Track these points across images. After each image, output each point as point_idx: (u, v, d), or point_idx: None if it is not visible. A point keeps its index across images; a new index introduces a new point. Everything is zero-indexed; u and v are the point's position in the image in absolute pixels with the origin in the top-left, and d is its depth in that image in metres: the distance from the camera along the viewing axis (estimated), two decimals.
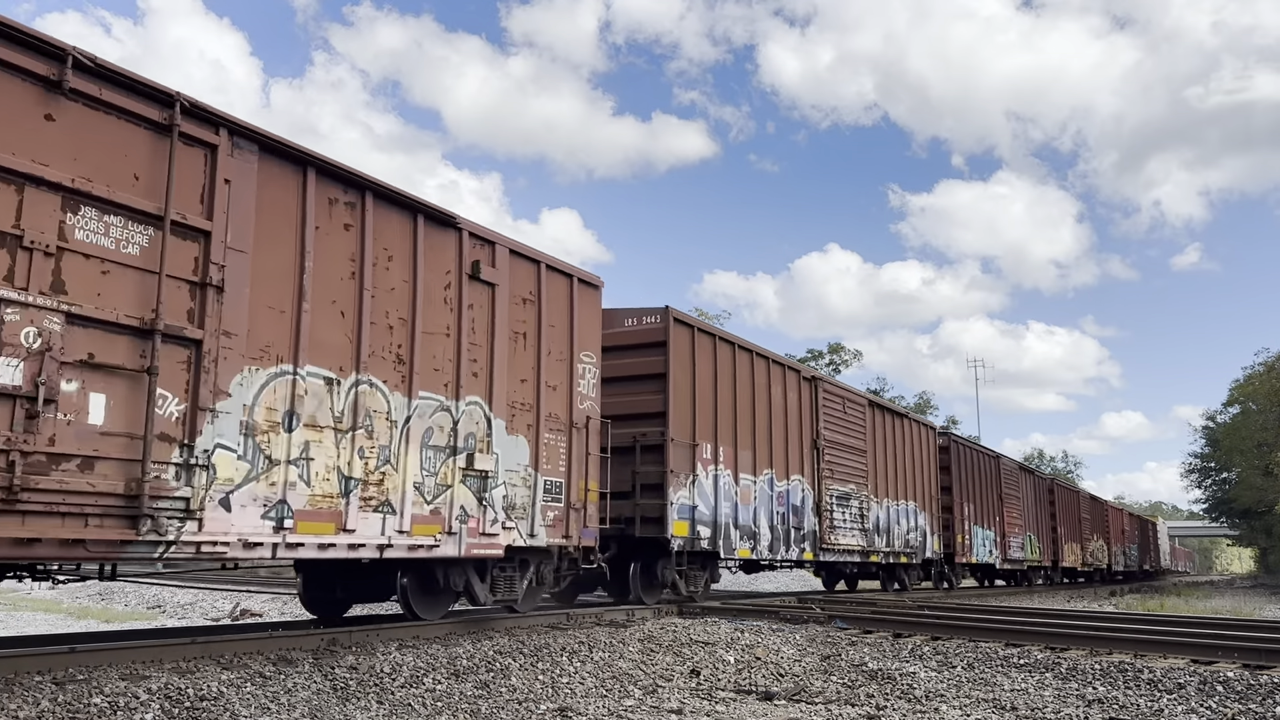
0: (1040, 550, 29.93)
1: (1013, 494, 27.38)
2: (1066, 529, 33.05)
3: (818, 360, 56.15)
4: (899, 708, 7.20)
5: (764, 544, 14.39)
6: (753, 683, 8.25)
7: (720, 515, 13.26)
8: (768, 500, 14.51)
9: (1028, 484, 29.82)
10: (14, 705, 5.03)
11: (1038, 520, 30.18)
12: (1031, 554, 28.80)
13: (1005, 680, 8.07)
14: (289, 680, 6.28)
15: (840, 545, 16.60)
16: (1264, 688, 7.17)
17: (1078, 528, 34.70)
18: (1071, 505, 34.75)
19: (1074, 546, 33.88)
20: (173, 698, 5.51)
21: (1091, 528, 36.90)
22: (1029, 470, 31.36)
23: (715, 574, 13.90)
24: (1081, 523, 35.30)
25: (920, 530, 20.80)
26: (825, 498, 16.18)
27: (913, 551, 20.20)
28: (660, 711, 6.81)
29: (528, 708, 6.63)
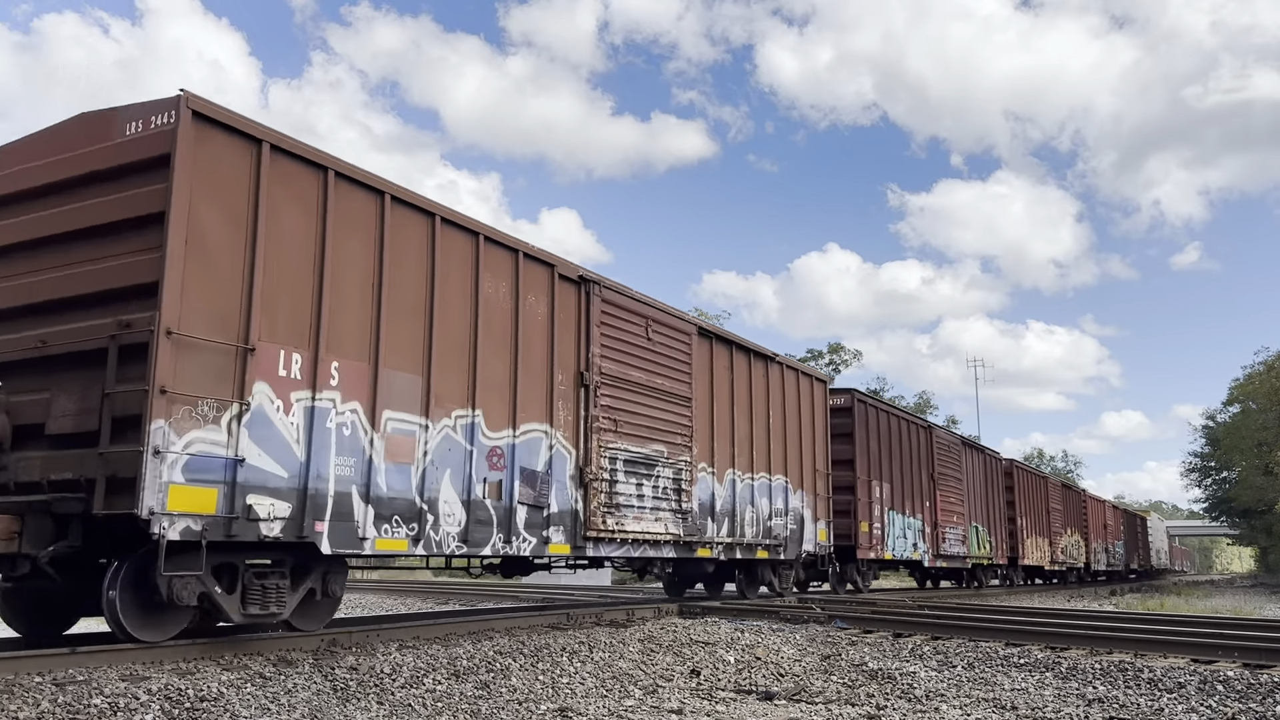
0: (991, 545, 25.13)
1: (951, 474, 22.39)
2: (1029, 521, 28.68)
3: (818, 359, 55.99)
4: (899, 707, 7.20)
5: (447, 529, 8.54)
6: (753, 683, 8.25)
7: (320, 478, 7.37)
8: (460, 459, 8.74)
9: (974, 464, 24.50)
10: (14, 706, 5.03)
11: (989, 509, 25.25)
12: (979, 549, 23.96)
13: (1005, 679, 8.08)
14: (289, 681, 6.28)
15: (628, 533, 11.05)
16: (1264, 687, 7.17)
17: (1044, 520, 30.59)
18: (1036, 493, 30.19)
19: (1039, 542, 29.76)
20: (173, 699, 5.51)
21: (1064, 520, 33.10)
22: (976, 447, 25.63)
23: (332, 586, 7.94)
24: (1050, 514, 31.23)
25: (794, 515, 15.27)
26: (599, 460, 10.61)
27: (778, 543, 14.72)
28: (660, 711, 6.81)
29: (528, 708, 6.63)
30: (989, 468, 25.99)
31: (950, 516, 21.98)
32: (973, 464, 24.39)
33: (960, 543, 22.70)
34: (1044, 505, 30.80)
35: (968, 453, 24.13)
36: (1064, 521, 33.15)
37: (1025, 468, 30.41)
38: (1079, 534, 35.18)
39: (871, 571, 19.40)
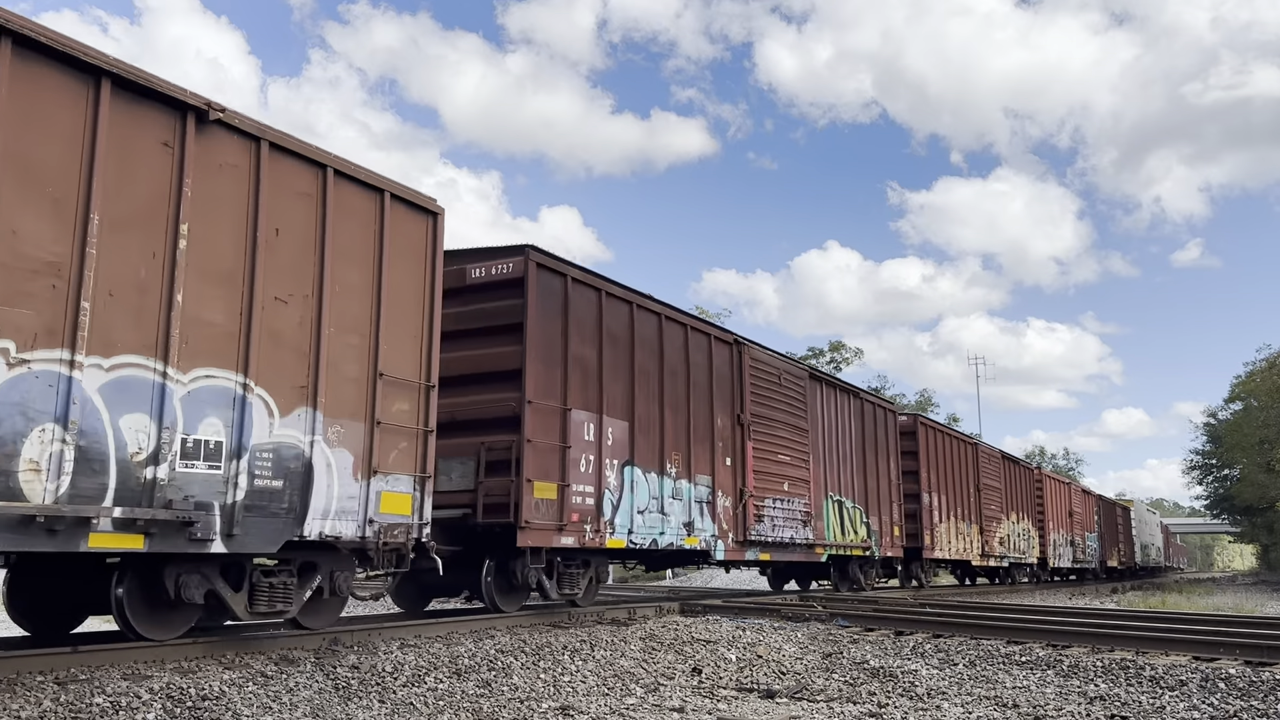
0: (873, 531, 18.15)
1: (789, 423, 15.30)
2: (947, 500, 21.65)
3: (819, 357, 56.08)
4: (901, 705, 7.20)
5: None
6: (754, 681, 8.26)
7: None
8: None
9: (844, 412, 17.36)
10: (16, 705, 5.03)
11: (866, 482, 18.01)
12: (848, 535, 17.17)
13: (1007, 678, 8.08)
14: (291, 680, 6.28)
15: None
16: (1266, 685, 7.17)
17: (973, 502, 23.43)
18: (959, 466, 22.76)
19: (964, 528, 22.66)
20: (174, 697, 5.52)
21: (1007, 503, 26.26)
22: (851, 391, 18.16)
23: None
24: (983, 494, 23.97)
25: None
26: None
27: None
28: (662, 710, 6.81)
29: (530, 706, 6.63)
30: (876, 422, 18.90)
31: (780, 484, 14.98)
32: (837, 412, 17.27)
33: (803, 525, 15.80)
34: (971, 482, 23.62)
35: (829, 394, 17.11)
36: (1010, 505, 26.57)
37: (935, 425, 22.02)
38: (1031, 522, 28.76)
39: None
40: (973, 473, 24.12)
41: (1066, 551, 32.68)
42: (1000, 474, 26.35)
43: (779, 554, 15.12)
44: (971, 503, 23.72)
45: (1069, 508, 33.73)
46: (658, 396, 12.12)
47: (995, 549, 25.14)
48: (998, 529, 25.41)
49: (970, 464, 24.11)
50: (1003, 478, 26.61)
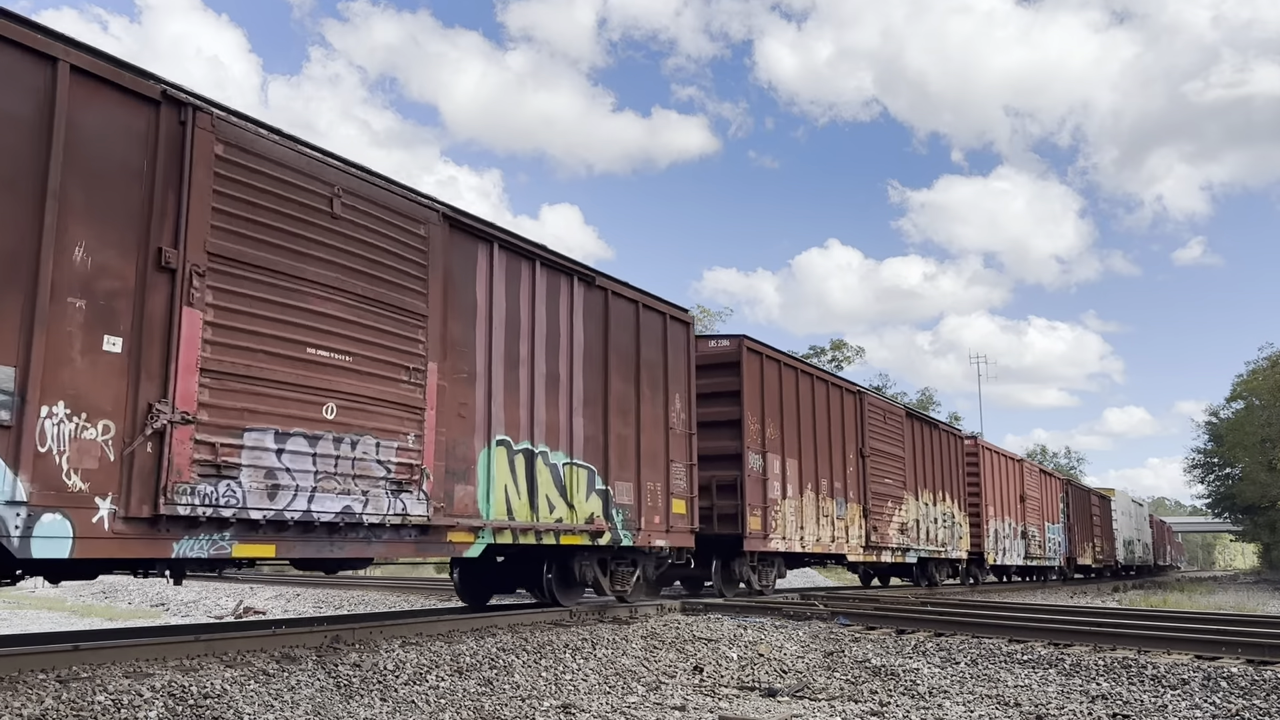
0: (620, 506, 10.72)
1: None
2: (805, 467, 15.31)
3: (820, 356, 55.99)
4: (902, 704, 7.20)
5: None
6: (756, 679, 8.25)
7: None
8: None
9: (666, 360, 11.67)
10: (18, 703, 5.03)
11: (608, 421, 10.73)
12: (541, 511, 9.66)
13: (1009, 676, 8.07)
14: (292, 678, 6.28)
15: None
16: (1268, 683, 7.16)
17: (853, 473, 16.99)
18: (825, 419, 16.19)
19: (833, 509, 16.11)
20: (176, 695, 5.52)
21: (921, 481, 20.08)
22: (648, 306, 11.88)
23: None
24: (871, 463, 17.58)
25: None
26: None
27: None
28: (664, 708, 6.80)
29: (531, 705, 6.63)
30: (649, 328, 11.72)
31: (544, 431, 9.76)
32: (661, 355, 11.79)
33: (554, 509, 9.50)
34: (844, 442, 16.75)
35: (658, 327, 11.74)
36: (915, 479, 19.74)
37: (781, 357, 15.16)
38: (959, 506, 22.43)
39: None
40: (854, 432, 17.30)
41: (1014, 545, 26.47)
42: (904, 437, 19.37)
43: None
44: (849, 474, 16.94)
45: (1019, 491, 27.35)
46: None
47: (891, 539, 18.20)
48: (896, 512, 18.65)
49: (849, 419, 17.14)
50: (909, 443, 19.65)
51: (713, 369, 14.00)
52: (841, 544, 16.54)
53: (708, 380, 13.64)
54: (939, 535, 21.16)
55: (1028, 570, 30.27)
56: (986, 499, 24.55)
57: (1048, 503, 30.72)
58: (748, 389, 14.02)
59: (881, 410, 18.87)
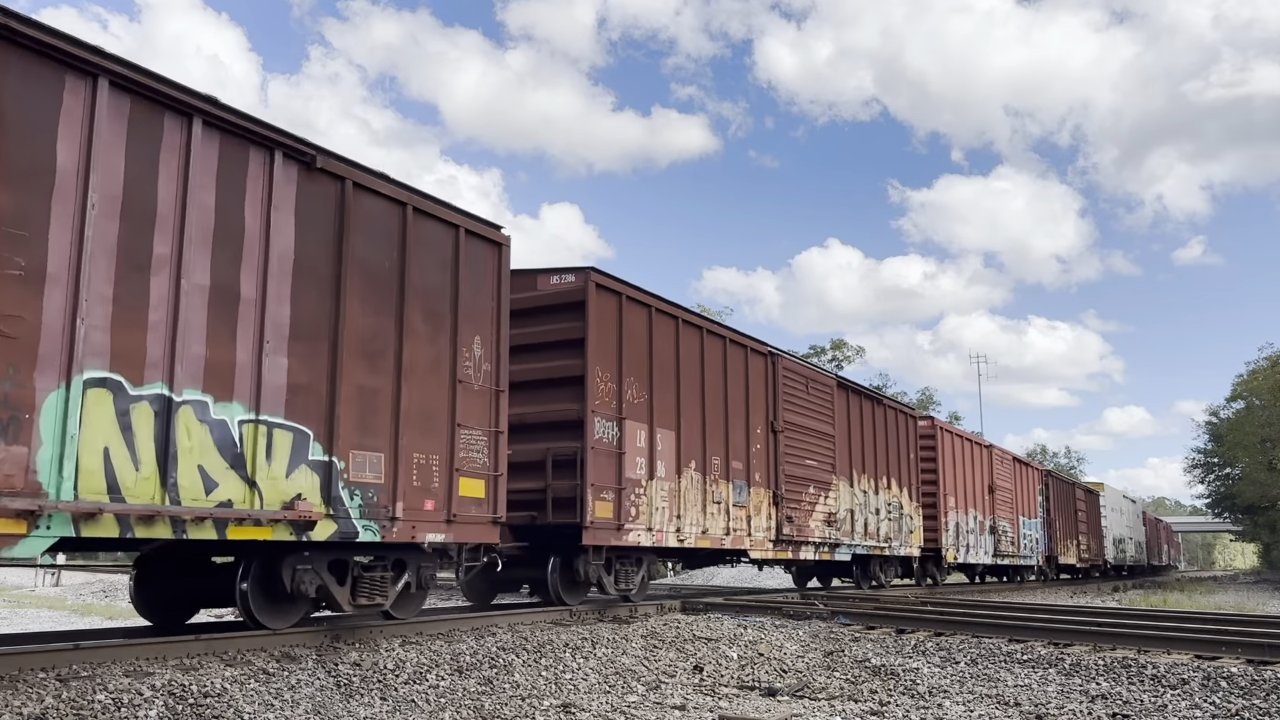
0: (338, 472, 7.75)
1: None
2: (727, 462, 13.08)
3: (820, 356, 55.94)
4: (902, 704, 7.20)
5: None
6: (756, 679, 8.26)
7: None
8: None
9: (456, 289, 8.83)
10: (19, 702, 5.04)
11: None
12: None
13: (1009, 676, 8.07)
14: (292, 677, 6.28)
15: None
16: (1267, 683, 7.16)
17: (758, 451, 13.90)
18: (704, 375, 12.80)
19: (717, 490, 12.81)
20: (176, 694, 5.52)
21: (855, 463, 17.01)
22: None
23: None
24: (784, 439, 14.58)
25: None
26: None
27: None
28: (663, 708, 6.81)
29: (531, 704, 6.63)
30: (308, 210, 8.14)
31: None
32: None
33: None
34: (740, 409, 13.51)
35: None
36: (846, 461, 16.66)
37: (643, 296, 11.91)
38: (909, 495, 19.59)
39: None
40: (764, 402, 14.11)
41: (981, 541, 23.63)
42: (834, 412, 16.22)
43: None
44: (755, 453, 13.76)
45: (987, 480, 24.40)
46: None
47: (813, 531, 15.22)
48: (822, 500, 15.66)
49: (757, 385, 13.97)
50: (841, 419, 16.52)
51: (551, 312, 10.97)
52: (741, 537, 13.30)
53: (544, 326, 10.95)
54: (882, 529, 18.10)
55: (999, 570, 27.42)
56: (945, 488, 21.55)
57: (1023, 495, 27.60)
58: (596, 337, 10.73)
59: (802, 377, 15.53)
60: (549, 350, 10.87)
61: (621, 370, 11.11)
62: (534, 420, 10.66)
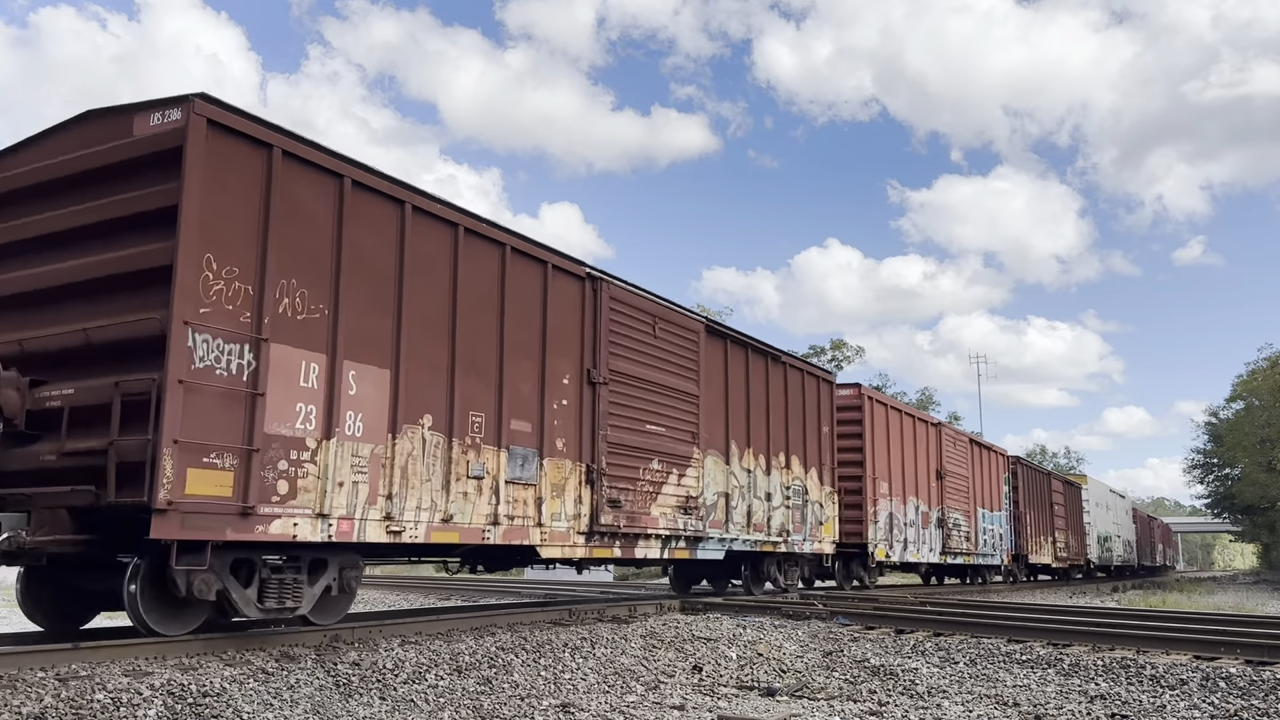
0: None
1: None
2: (501, 422, 9.03)
3: (820, 356, 55.71)
4: (901, 704, 7.20)
5: None
6: (755, 679, 8.26)
7: None
8: None
9: None
10: (17, 701, 5.04)
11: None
12: None
13: (1008, 676, 8.07)
14: (291, 676, 6.29)
15: None
16: (1266, 684, 7.16)
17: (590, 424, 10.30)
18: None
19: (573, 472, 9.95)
20: (175, 694, 5.52)
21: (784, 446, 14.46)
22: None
23: None
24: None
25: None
26: None
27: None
28: (663, 708, 6.81)
29: (530, 704, 6.63)
30: None
31: None
32: None
33: None
34: (532, 349, 9.66)
35: None
36: (721, 432, 12.99)
37: (306, 150, 7.41)
38: (821, 478, 15.67)
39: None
40: (576, 342, 10.34)
41: (924, 536, 20.02)
42: (699, 366, 12.35)
43: None
44: (557, 410, 9.96)
45: (933, 464, 20.74)
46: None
47: (656, 520, 11.30)
48: (673, 479, 11.69)
49: (563, 319, 10.16)
50: (712, 376, 12.72)
51: (139, 171, 6.87)
52: (523, 528, 9.32)
53: (133, 193, 6.87)
54: (775, 519, 14.04)
55: (951, 570, 23.91)
56: (875, 471, 17.77)
57: (984, 484, 24.09)
58: (206, 207, 6.59)
59: (645, 315, 11.35)
60: (130, 231, 6.86)
61: (266, 266, 6.98)
62: (102, 340, 6.78)
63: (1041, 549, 29.16)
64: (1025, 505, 27.88)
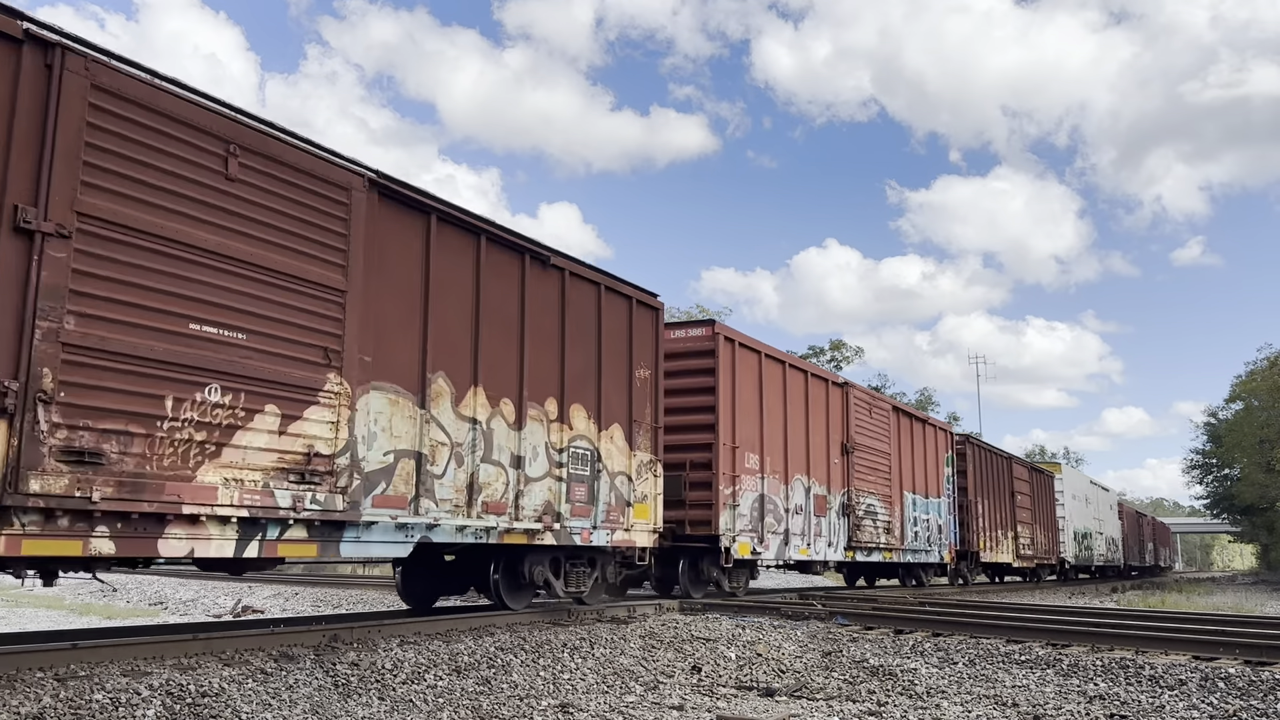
0: None
1: None
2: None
3: (819, 356, 55.72)
4: (900, 704, 7.21)
5: None
6: (754, 679, 8.26)
7: None
8: None
9: None
10: (16, 701, 5.04)
11: None
12: None
13: (1007, 677, 8.08)
14: (290, 677, 6.28)
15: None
16: (1265, 684, 7.17)
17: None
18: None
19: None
20: (174, 694, 5.52)
21: (546, 383, 9.63)
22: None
23: None
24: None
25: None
26: None
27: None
28: (662, 708, 6.81)
29: (529, 704, 6.64)
30: None
31: None
32: None
33: None
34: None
35: None
36: (418, 350, 8.22)
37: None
38: (626, 434, 10.92)
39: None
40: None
41: (818, 525, 15.48)
42: (274, 219, 7.00)
43: None
44: None
45: (839, 435, 16.38)
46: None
47: (211, 494, 6.34)
48: (274, 420, 6.84)
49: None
50: (371, 256, 7.79)
51: None
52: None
53: None
54: (532, 494, 9.42)
55: (866, 568, 19.92)
56: (734, 436, 13.35)
57: (918, 464, 19.70)
58: None
59: (205, 139, 6.59)
60: None
61: None
62: None
63: (999, 545, 24.77)
64: (977, 493, 23.56)
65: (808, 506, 15.36)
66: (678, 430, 12.81)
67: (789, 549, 14.72)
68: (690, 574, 13.20)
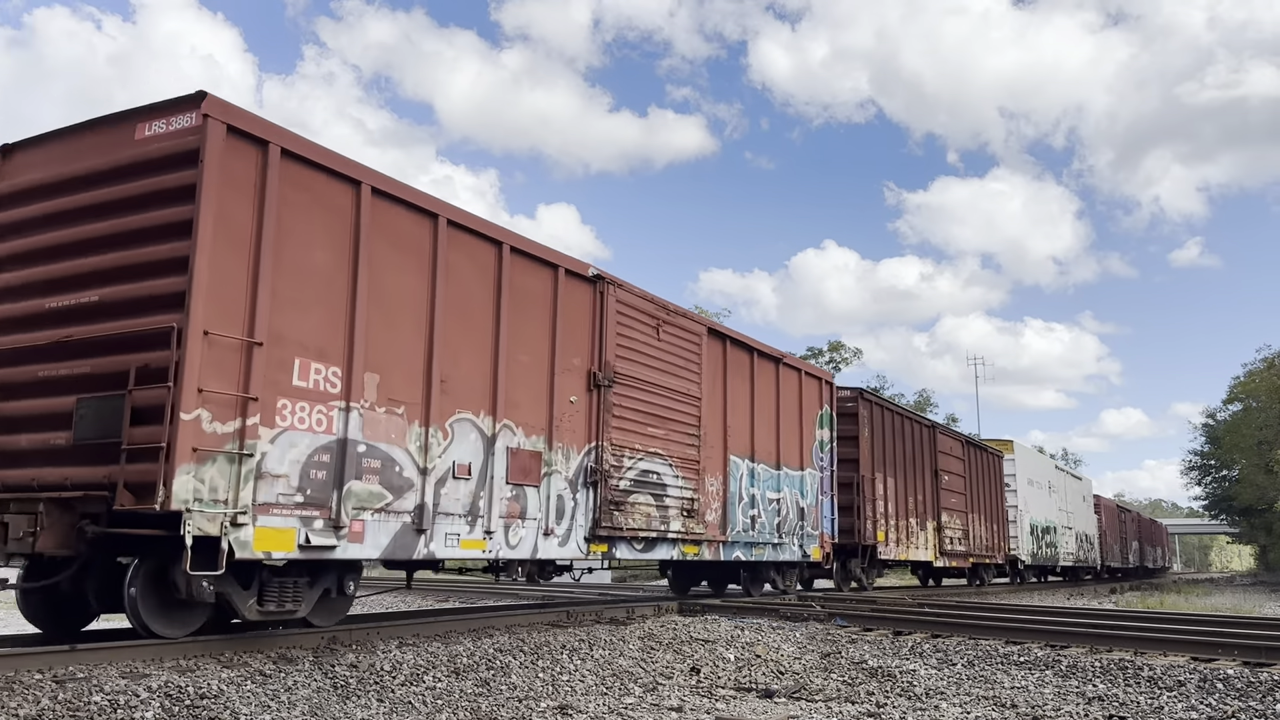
0: None
1: None
2: None
3: (818, 357, 55.03)
4: (899, 705, 7.21)
5: None
6: (753, 680, 8.26)
7: None
8: None
9: None
10: (14, 703, 5.03)
11: None
12: None
13: (1005, 678, 8.08)
14: (289, 678, 6.28)
15: None
16: (1264, 685, 7.17)
17: None
18: None
19: None
20: (173, 696, 5.52)
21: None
22: None
23: None
24: None
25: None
26: None
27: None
28: (660, 709, 6.81)
29: (528, 705, 6.63)
30: None
31: None
32: None
33: None
34: None
35: None
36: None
37: None
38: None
39: None
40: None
41: (532, 502, 9.12)
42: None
43: None
44: None
45: (586, 359, 10.14)
46: None
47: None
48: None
49: None
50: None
51: None
52: None
53: None
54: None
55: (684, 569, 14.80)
56: (251, 313, 6.63)
57: (761, 420, 13.75)
58: None
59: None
60: None
61: None
62: None
63: (912, 538, 19.20)
64: (875, 468, 17.67)
65: (491, 467, 8.79)
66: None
67: (428, 538, 7.98)
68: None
